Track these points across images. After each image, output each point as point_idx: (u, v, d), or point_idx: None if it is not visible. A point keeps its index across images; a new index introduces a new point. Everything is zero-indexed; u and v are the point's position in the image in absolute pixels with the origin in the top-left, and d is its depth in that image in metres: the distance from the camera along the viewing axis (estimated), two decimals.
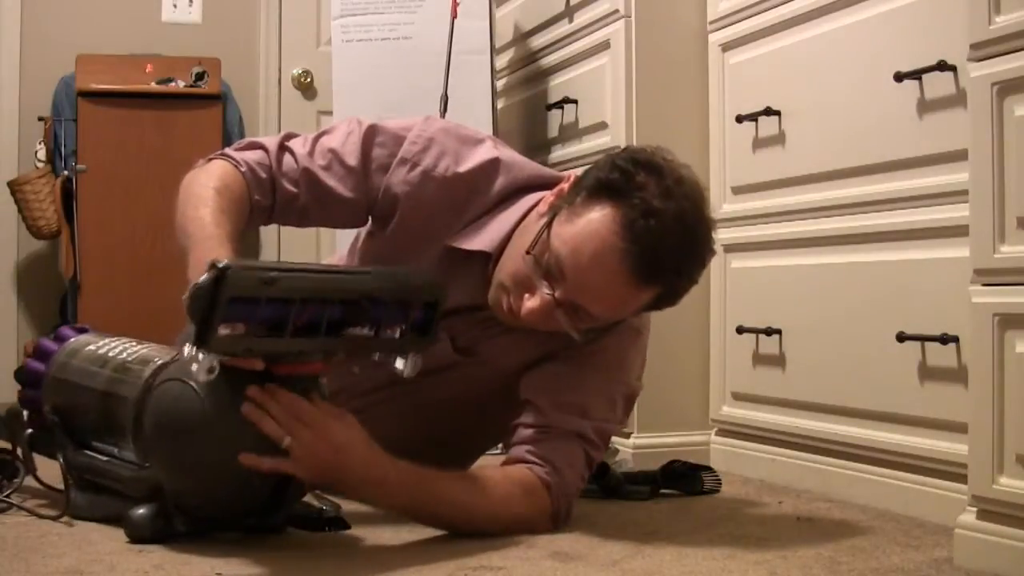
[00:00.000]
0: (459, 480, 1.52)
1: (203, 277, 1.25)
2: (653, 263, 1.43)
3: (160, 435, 1.44)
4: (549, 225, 1.49)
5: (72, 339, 1.77)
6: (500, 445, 1.84)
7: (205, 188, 1.56)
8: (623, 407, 1.67)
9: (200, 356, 1.27)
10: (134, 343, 1.69)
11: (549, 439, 1.57)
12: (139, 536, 1.45)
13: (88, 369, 1.67)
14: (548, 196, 1.56)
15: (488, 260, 1.60)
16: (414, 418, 1.70)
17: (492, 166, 1.63)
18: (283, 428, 1.36)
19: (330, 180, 1.62)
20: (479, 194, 1.62)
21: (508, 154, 1.67)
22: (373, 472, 1.42)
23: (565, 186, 1.54)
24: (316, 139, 1.65)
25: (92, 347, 1.70)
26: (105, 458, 1.60)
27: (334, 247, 2.84)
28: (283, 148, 1.64)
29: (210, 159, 1.64)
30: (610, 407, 1.64)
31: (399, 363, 1.48)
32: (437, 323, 1.50)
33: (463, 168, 1.62)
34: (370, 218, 1.68)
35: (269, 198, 1.62)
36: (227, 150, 1.65)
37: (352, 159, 1.62)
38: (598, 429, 1.62)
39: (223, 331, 1.28)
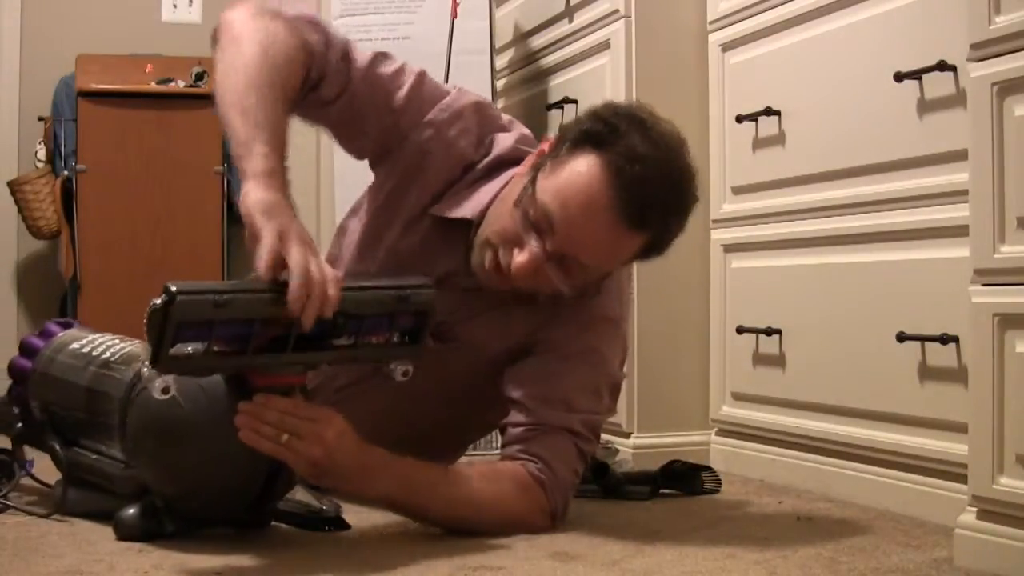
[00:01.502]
0: (452, 475, 1.53)
1: (154, 301, 1.24)
2: (642, 207, 1.46)
3: (144, 438, 1.44)
4: (534, 180, 1.51)
5: (58, 335, 1.76)
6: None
7: (264, 73, 1.44)
8: (609, 397, 1.67)
9: (155, 377, 1.28)
10: (118, 340, 1.68)
11: (539, 436, 1.57)
12: (128, 535, 1.46)
13: (73, 366, 1.66)
14: (529, 158, 1.59)
15: (471, 228, 1.61)
16: (392, 412, 1.68)
17: (497, 159, 1.66)
18: (275, 437, 1.35)
19: (367, 109, 1.60)
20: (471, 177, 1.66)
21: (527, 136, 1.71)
22: (366, 468, 1.42)
23: (545, 146, 1.57)
24: (373, 62, 1.61)
25: (76, 344, 1.70)
26: (94, 456, 1.61)
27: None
28: (345, 59, 1.59)
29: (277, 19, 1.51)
30: (595, 398, 1.64)
31: (390, 367, 1.47)
32: (427, 331, 1.46)
33: (470, 147, 1.64)
34: (373, 164, 1.69)
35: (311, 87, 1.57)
36: (294, 17, 1.54)
37: (397, 99, 1.61)
38: (586, 422, 1.61)
39: (181, 350, 1.27)
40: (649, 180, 1.46)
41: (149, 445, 1.44)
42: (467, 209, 1.62)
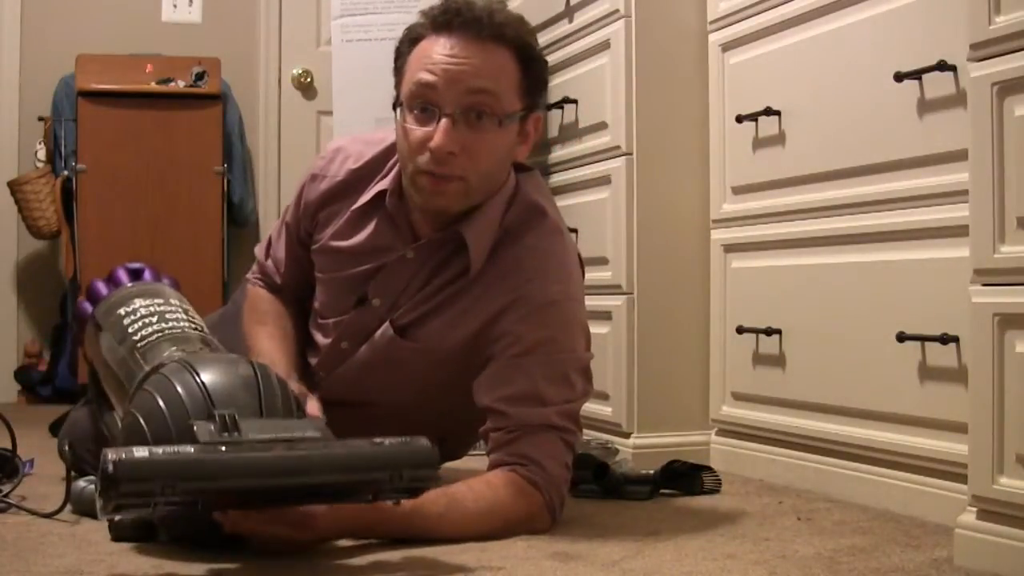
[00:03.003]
0: (448, 501, 1.50)
1: (103, 467, 1.15)
2: (472, 18, 1.58)
3: (126, 443, 1.40)
4: (398, 85, 1.64)
5: (121, 288, 1.71)
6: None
7: (261, 316, 1.83)
8: (580, 381, 1.65)
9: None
10: (155, 317, 1.60)
11: (521, 437, 1.57)
12: (122, 536, 1.46)
13: (110, 342, 1.60)
14: None
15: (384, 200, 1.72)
16: (365, 431, 1.71)
17: (391, 151, 1.73)
18: (260, 533, 1.35)
19: (283, 253, 1.85)
20: (377, 174, 1.74)
21: None
22: (363, 526, 1.44)
23: None
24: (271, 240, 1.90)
25: (123, 310, 1.62)
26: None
27: None
28: (268, 257, 1.89)
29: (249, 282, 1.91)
30: (566, 387, 1.63)
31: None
32: (423, 490, 1.36)
33: (360, 162, 1.76)
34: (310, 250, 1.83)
35: (290, 294, 1.87)
36: (252, 275, 1.92)
37: (289, 216, 1.84)
38: (563, 412, 1.61)
39: (128, 511, 1.21)
40: (458, 10, 1.59)
41: None
42: (377, 186, 1.73)
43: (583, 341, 1.69)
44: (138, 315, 1.59)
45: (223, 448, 1.22)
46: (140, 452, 1.17)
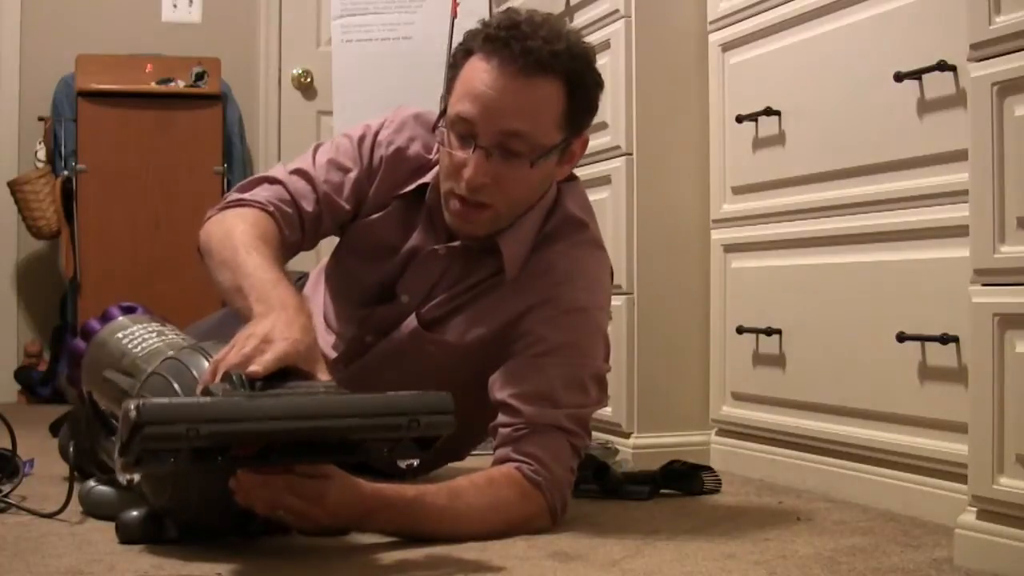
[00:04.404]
0: (451, 494, 1.51)
1: (128, 408, 1.15)
2: (523, 48, 1.53)
3: None
4: (444, 110, 1.61)
5: (113, 320, 1.73)
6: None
7: (247, 235, 1.56)
8: (596, 389, 1.66)
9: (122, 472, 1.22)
10: (155, 334, 1.61)
11: (529, 435, 1.57)
12: (130, 538, 1.45)
13: (112, 359, 1.62)
14: None
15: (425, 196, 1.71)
16: None
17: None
18: (273, 504, 1.34)
19: (338, 196, 1.72)
20: (425, 164, 1.73)
21: None
22: (367, 513, 1.43)
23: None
24: (314, 155, 1.75)
25: (120, 334, 1.64)
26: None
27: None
28: (294, 173, 1.72)
29: (227, 204, 1.67)
30: (581, 392, 1.63)
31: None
32: (437, 443, 1.36)
33: (420, 145, 1.73)
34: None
35: (298, 232, 1.69)
36: (239, 194, 1.68)
37: (350, 162, 1.73)
38: (573, 416, 1.61)
39: (150, 456, 1.20)
40: (516, 26, 1.55)
41: None
42: (420, 180, 1.71)
43: (603, 351, 1.70)
44: (136, 335, 1.62)
45: (242, 398, 1.24)
46: (161, 399, 1.19)
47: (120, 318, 1.68)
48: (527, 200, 1.65)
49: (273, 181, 1.70)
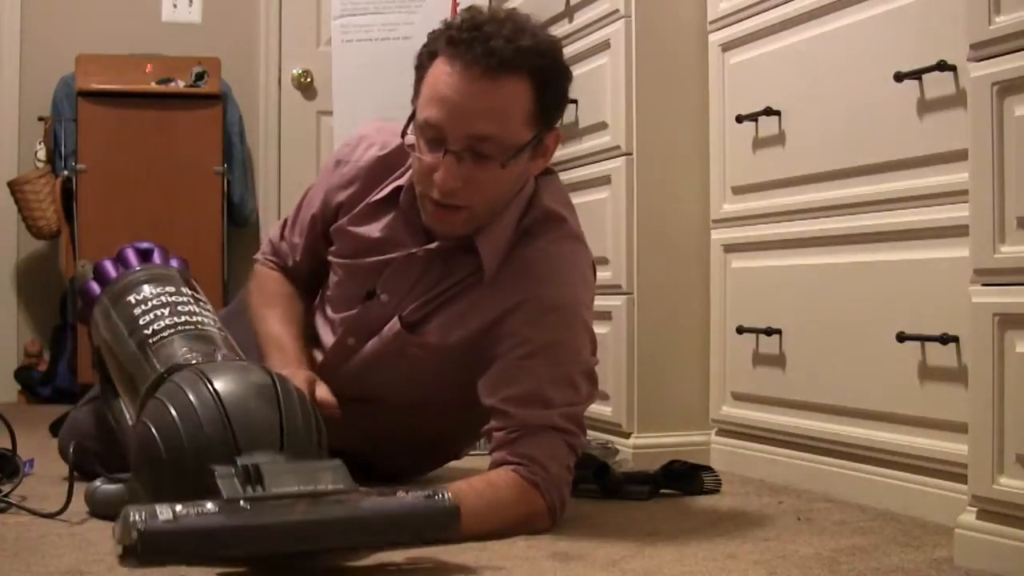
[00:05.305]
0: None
1: (127, 524, 1.12)
2: (486, 49, 1.52)
3: (138, 455, 1.39)
4: (413, 114, 1.61)
5: (130, 271, 1.71)
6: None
7: (270, 297, 1.85)
8: (586, 385, 1.65)
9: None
10: (167, 310, 1.59)
11: (524, 437, 1.57)
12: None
13: (119, 330, 1.61)
14: None
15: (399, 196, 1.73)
16: (370, 427, 1.74)
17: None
18: None
19: (300, 237, 1.85)
20: (400, 167, 1.74)
21: None
22: None
23: None
24: (300, 203, 1.89)
25: (132, 298, 1.63)
26: (130, 420, 1.56)
27: None
28: (280, 235, 1.90)
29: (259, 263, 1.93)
30: (571, 389, 1.63)
31: None
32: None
33: (384, 151, 1.75)
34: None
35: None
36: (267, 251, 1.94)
37: (309, 200, 1.85)
38: (566, 415, 1.61)
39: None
40: (479, 27, 1.54)
41: (142, 460, 1.40)
42: (396, 181, 1.73)
43: (590, 346, 1.69)
44: (149, 304, 1.59)
45: (246, 506, 1.20)
46: (164, 513, 1.14)
47: (137, 270, 1.70)
48: (503, 198, 1.64)
49: (273, 244, 1.92)
